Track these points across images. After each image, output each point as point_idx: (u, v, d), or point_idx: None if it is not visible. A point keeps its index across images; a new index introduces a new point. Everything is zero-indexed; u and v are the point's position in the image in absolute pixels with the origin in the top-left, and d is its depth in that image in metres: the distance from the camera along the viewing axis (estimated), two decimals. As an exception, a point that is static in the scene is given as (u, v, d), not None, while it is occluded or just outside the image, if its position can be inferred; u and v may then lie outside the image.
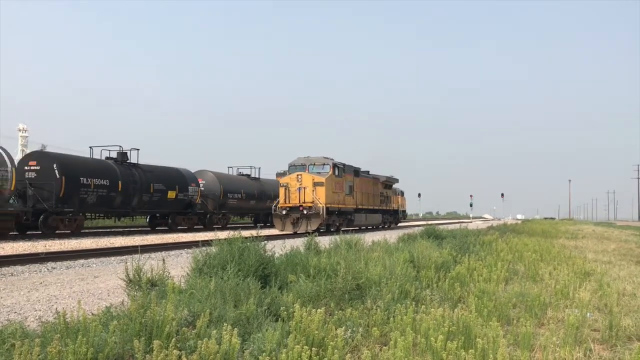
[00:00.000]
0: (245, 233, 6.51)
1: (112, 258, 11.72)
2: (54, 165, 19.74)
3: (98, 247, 14.82)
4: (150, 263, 6.40)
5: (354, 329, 4.24)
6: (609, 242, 20.28)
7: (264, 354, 3.27)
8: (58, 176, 19.59)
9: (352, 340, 4.02)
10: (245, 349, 3.51)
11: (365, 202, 29.21)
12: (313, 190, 23.29)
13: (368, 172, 31.33)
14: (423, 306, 4.97)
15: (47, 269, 9.66)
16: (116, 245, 15.23)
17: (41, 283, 7.59)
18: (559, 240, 19.34)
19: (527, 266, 8.93)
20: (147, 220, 27.98)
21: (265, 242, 6.54)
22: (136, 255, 11.27)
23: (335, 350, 3.37)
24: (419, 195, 63.69)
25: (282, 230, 23.43)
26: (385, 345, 3.88)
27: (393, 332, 3.82)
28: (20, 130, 53.70)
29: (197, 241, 11.11)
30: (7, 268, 9.56)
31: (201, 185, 28.14)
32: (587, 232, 29.24)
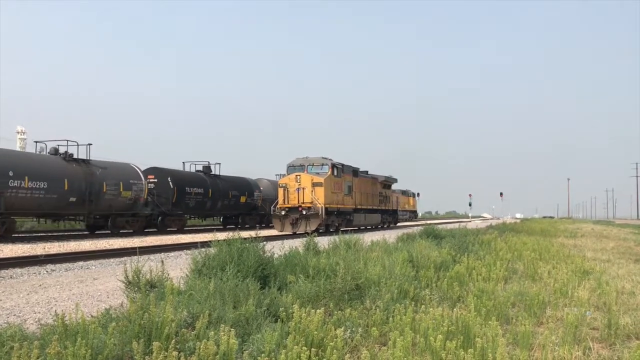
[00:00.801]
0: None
1: (111, 260, 11.71)
2: (169, 178, 25.86)
3: (97, 248, 14.81)
4: (150, 264, 6.39)
5: (353, 329, 4.24)
6: (607, 240, 20.31)
7: (263, 354, 3.28)
8: (172, 187, 25.71)
9: (352, 341, 4.02)
10: (245, 350, 3.51)
11: (364, 202, 29.22)
12: (312, 191, 23.29)
13: (367, 172, 31.34)
14: (422, 306, 4.98)
15: (47, 271, 9.65)
16: (115, 247, 15.22)
17: (40, 285, 7.58)
18: (557, 239, 19.36)
19: (526, 265, 8.94)
20: (221, 220, 33.70)
21: (264, 242, 6.54)
22: (135, 256, 11.27)
23: (335, 351, 3.37)
24: (418, 194, 64.40)
25: (281, 231, 23.42)
26: (385, 345, 3.88)
27: (392, 332, 3.83)
28: (18, 132, 53.58)
29: (196, 242, 11.06)
30: (6, 270, 9.55)
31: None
32: (586, 231, 29.28)
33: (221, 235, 6.70)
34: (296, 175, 23.87)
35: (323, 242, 9.25)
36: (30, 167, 18.68)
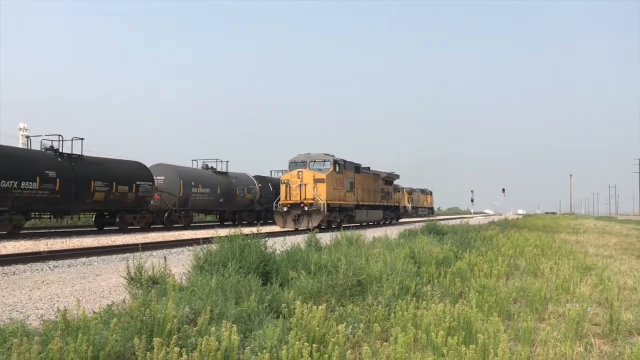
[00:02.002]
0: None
1: (114, 256, 11.73)
2: (269, 184, 30.55)
3: (100, 245, 14.84)
4: (152, 261, 6.40)
5: (354, 325, 4.24)
6: (610, 236, 20.27)
7: (264, 350, 3.28)
8: (272, 190, 30.33)
9: (353, 336, 4.03)
10: (247, 346, 3.52)
11: (366, 198, 29.20)
12: (314, 187, 23.28)
13: (369, 168, 31.30)
14: (424, 302, 4.98)
15: (49, 268, 9.67)
16: (117, 244, 15.24)
17: (43, 281, 7.60)
18: (560, 235, 19.34)
19: (528, 261, 8.94)
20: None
21: (266, 239, 6.54)
22: (137, 253, 11.28)
23: (336, 347, 3.38)
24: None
25: (283, 227, 23.43)
26: (386, 341, 3.88)
27: (394, 328, 3.83)
28: (21, 129, 53.70)
29: (198, 239, 11.12)
30: (9, 267, 9.58)
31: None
32: (588, 227, 29.24)
33: (223, 232, 6.71)
34: (298, 172, 23.85)
35: (325, 238, 9.25)
36: (200, 178, 27.78)
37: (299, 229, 22.73)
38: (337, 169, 24.99)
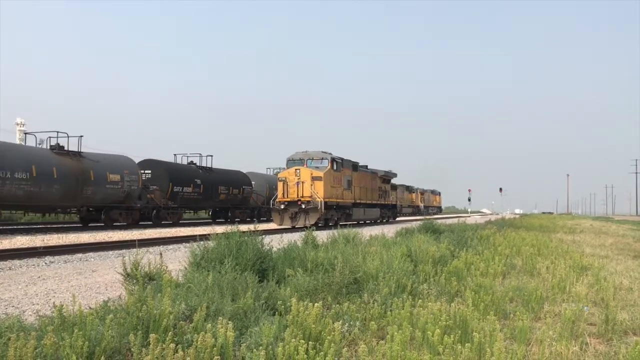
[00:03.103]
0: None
1: (110, 252, 11.71)
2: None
3: (96, 241, 14.82)
4: (148, 257, 6.39)
5: (351, 322, 4.24)
6: (606, 236, 20.33)
7: (260, 347, 3.28)
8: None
9: (349, 334, 4.03)
10: (242, 343, 3.52)
11: (363, 196, 29.22)
12: (311, 185, 23.28)
13: (366, 166, 31.31)
14: (420, 300, 4.99)
15: (45, 263, 9.66)
16: (114, 240, 15.22)
17: (39, 277, 7.59)
18: (556, 235, 19.38)
19: (524, 260, 8.95)
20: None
21: (263, 236, 6.54)
22: (134, 249, 11.27)
23: (332, 344, 3.37)
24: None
25: (280, 225, 23.42)
26: (382, 339, 3.89)
27: (390, 326, 3.83)
28: (18, 124, 53.58)
29: (195, 235, 11.11)
30: (5, 262, 9.56)
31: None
32: (585, 227, 29.31)
33: (220, 229, 6.70)
34: (295, 169, 23.85)
35: (322, 236, 9.25)
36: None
37: (296, 226, 22.74)
38: (335, 167, 24.99)
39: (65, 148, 20.57)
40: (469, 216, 61.86)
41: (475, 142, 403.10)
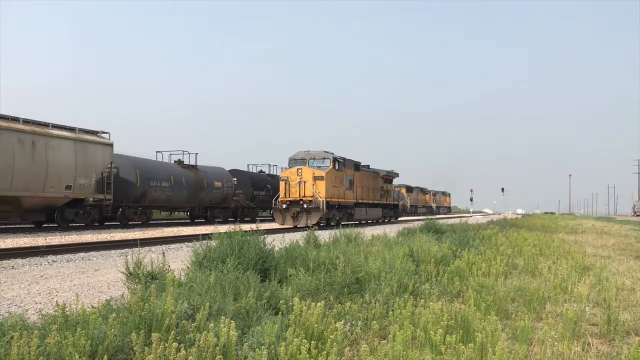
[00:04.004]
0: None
1: (113, 251, 11.73)
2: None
3: (98, 240, 14.85)
4: (151, 256, 6.41)
5: (353, 322, 4.25)
6: (608, 236, 20.29)
7: (262, 346, 3.28)
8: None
9: (351, 334, 4.03)
10: (245, 342, 3.52)
11: (365, 196, 29.21)
12: (313, 184, 23.29)
13: (368, 166, 31.31)
14: (422, 300, 4.99)
15: (48, 262, 9.68)
16: (116, 239, 15.24)
17: (42, 276, 7.61)
18: (558, 235, 19.35)
19: (526, 260, 8.94)
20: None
21: (265, 235, 6.55)
22: (136, 248, 11.29)
23: (334, 344, 3.38)
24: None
25: (282, 224, 23.44)
26: (384, 339, 3.89)
27: (392, 326, 3.83)
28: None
29: (197, 234, 11.13)
30: (7, 261, 9.58)
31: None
32: (587, 227, 29.25)
33: (222, 228, 6.71)
34: (297, 169, 23.86)
35: (324, 235, 9.25)
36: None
37: (298, 226, 22.75)
38: (337, 167, 24.99)
39: (186, 162, 27.97)
40: (471, 216, 61.79)
41: (476, 142, 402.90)
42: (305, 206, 23.05)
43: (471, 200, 76.71)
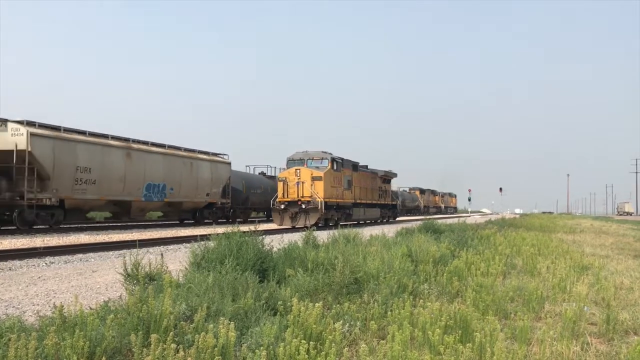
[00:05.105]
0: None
1: (111, 252, 11.71)
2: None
3: (96, 241, 14.81)
4: (149, 257, 6.39)
5: (351, 322, 4.24)
6: (606, 236, 20.33)
7: (261, 347, 3.27)
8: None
9: (350, 334, 4.03)
10: (243, 343, 3.52)
11: (363, 196, 29.21)
12: (311, 185, 23.27)
13: (366, 166, 31.31)
14: (421, 300, 4.98)
15: (46, 264, 9.65)
16: (114, 240, 15.21)
17: (39, 277, 7.58)
18: (557, 235, 19.37)
19: (524, 260, 8.95)
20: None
21: (264, 236, 6.54)
22: (134, 249, 11.27)
23: (333, 344, 3.37)
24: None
25: (280, 225, 23.42)
26: (383, 339, 3.88)
27: (391, 326, 3.83)
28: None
29: (196, 235, 11.15)
30: (5, 262, 9.55)
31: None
32: (585, 227, 29.30)
33: (220, 229, 6.70)
34: (296, 169, 23.84)
35: (322, 236, 9.25)
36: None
37: (297, 226, 22.73)
38: (335, 167, 24.99)
39: (266, 173, 35.33)
40: (469, 216, 61.86)
41: (475, 142, 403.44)
42: (303, 207, 23.04)
43: (469, 200, 76.74)
